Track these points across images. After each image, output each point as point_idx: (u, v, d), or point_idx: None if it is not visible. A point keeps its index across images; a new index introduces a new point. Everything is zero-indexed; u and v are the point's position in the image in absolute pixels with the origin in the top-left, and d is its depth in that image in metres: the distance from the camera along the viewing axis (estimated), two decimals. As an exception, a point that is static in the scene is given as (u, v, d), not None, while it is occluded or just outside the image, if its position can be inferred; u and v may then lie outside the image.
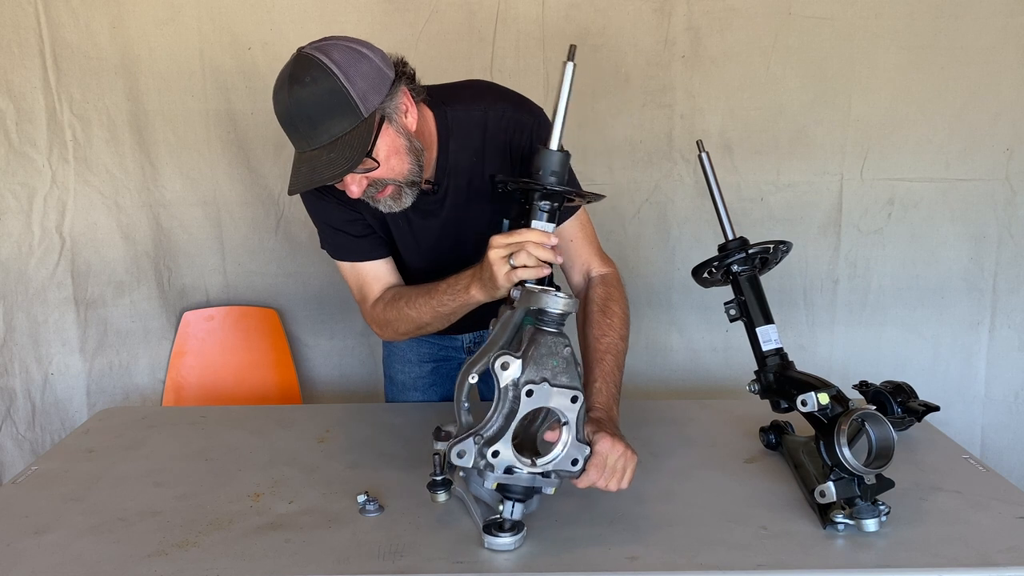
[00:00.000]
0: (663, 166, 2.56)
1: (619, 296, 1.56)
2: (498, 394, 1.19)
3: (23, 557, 1.25)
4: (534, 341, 1.19)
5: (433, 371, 1.97)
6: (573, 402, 1.21)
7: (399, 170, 1.42)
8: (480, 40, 2.46)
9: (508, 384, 1.18)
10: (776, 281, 2.36)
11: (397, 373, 1.99)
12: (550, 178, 1.31)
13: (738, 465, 1.55)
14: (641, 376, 2.67)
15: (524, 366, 1.17)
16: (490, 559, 1.22)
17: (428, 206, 1.58)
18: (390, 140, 1.39)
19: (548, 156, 1.32)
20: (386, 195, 1.44)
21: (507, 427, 1.18)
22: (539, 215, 1.31)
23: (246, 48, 2.46)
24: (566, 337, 1.21)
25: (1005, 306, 2.58)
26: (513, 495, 1.23)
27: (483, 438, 1.18)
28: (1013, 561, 1.20)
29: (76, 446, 1.70)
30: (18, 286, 2.43)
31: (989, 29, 2.40)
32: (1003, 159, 2.49)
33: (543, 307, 1.20)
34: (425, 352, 1.96)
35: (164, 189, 2.52)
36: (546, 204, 1.31)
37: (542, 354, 1.18)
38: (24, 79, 2.35)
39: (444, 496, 1.34)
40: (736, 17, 2.43)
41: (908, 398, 1.65)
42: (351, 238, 1.62)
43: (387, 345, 2.02)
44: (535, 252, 1.28)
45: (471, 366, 1.26)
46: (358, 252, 1.63)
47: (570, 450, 1.22)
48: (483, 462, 1.18)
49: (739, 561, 1.21)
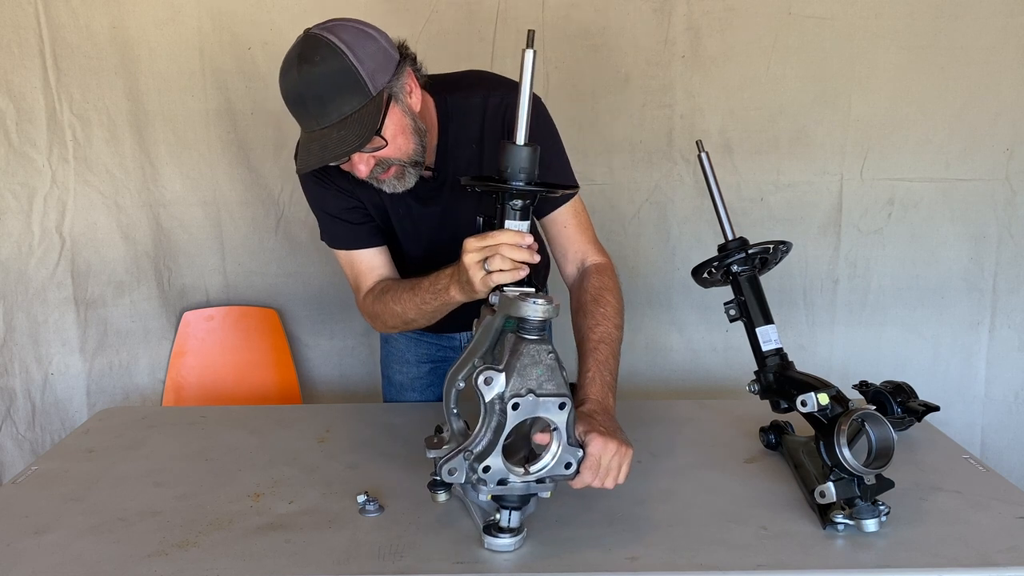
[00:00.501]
0: (663, 166, 2.56)
1: (613, 286, 1.54)
2: (484, 409, 1.17)
3: (23, 557, 1.25)
4: (516, 351, 1.16)
5: (431, 371, 1.97)
6: (561, 409, 1.17)
7: (405, 149, 1.43)
8: (480, 40, 2.46)
9: (493, 399, 1.16)
10: (776, 281, 2.36)
11: (395, 373, 1.99)
12: (519, 175, 1.23)
13: (738, 465, 1.55)
14: (641, 376, 2.67)
15: (508, 379, 1.15)
16: (490, 559, 1.22)
17: (428, 192, 1.59)
18: (397, 119, 1.40)
19: (515, 152, 1.23)
20: (390, 175, 1.45)
21: (496, 441, 1.16)
22: (511, 214, 1.25)
23: (246, 48, 2.46)
24: (548, 343, 1.18)
25: (1005, 306, 2.58)
26: (509, 504, 1.23)
27: (472, 454, 1.17)
28: (1013, 561, 1.20)
29: (76, 446, 1.70)
30: (18, 286, 2.43)
31: (989, 29, 2.40)
32: (1003, 159, 2.49)
33: (522, 315, 1.17)
34: (423, 352, 1.96)
35: (164, 189, 2.52)
36: (517, 203, 1.25)
37: (525, 364, 1.15)
38: (24, 79, 2.35)
39: (445, 496, 1.33)
40: (736, 17, 2.43)
41: (908, 398, 1.65)
42: (349, 226, 1.62)
43: (385, 346, 2.02)
44: (509, 254, 1.24)
45: (456, 372, 1.26)
46: (355, 240, 1.63)
47: (561, 455, 1.20)
48: (475, 477, 1.17)
49: (739, 561, 1.21)
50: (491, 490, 1.19)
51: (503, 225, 1.25)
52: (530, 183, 1.23)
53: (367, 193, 1.56)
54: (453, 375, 1.26)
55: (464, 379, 1.26)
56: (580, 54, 2.48)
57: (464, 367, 1.26)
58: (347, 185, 1.57)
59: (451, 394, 1.26)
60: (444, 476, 1.17)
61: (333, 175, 1.54)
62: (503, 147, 1.23)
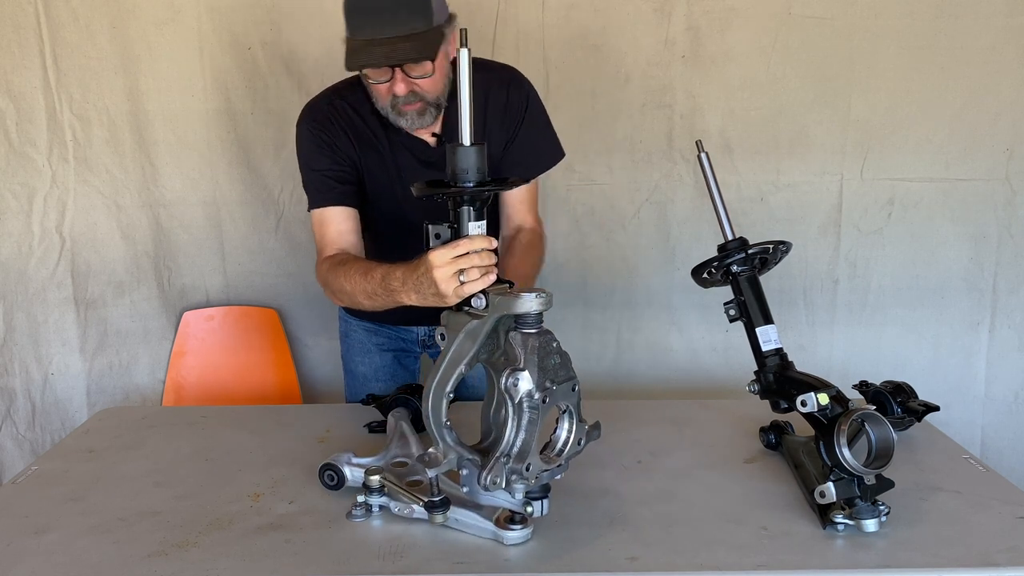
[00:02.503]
0: (663, 166, 2.56)
1: (541, 248, 1.82)
2: (512, 409, 1.19)
3: (23, 557, 1.25)
4: (527, 346, 1.19)
5: (394, 360, 2.01)
6: (573, 390, 1.24)
7: (438, 87, 1.59)
8: (480, 40, 2.46)
9: (523, 397, 1.18)
10: (776, 281, 2.36)
11: (357, 365, 2.02)
12: (475, 176, 1.22)
13: (738, 465, 1.55)
14: (641, 376, 2.67)
15: (532, 375, 1.18)
16: (490, 559, 1.22)
17: (430, 157, 1.70)
18: (442, 58, 1.55)
19: (465, 153, 1.21)
20: (414, 109, 1.59)
21: (531, 439, 1.19)
22: (472, 216, 1.24)
23: (246, 48, 2.46)
24: (550, 331, 1.21)
25: (1005, 306, 2.58)
26: (537, 495, 1.26)
27: (511, 457, 1.19)
28: (1013, 561, 1.20)
29: (76, 446, 1.70)
30: (18, 286, 2.43)
31: (989, 29, 2.40)
32: (1003, 159, 2.49)
33: (523, 311, 1.19)
34: (383, 342, 2.00)
35: (164, 189, 2.52)
36: (478, 203, 1.24)
37: (542, 357, 1.19)
38: (24, 79, 2.35)
39: (442, 518, 1.30)
40: (736, 17, 2.43)
41: (908, 398, 1.65)
42: (330, 182, 1.69)
43: (345, 341, 2.05)
44: (482, 262, 1.23)
45: (441, 386, 1.25)
46: (332, 197, 1.70)
47: (576, 433, 1.26)
48: (519, 480, 1.20)
49: (739, 561, 1.21)
50: (530, 486, 1.23)
51: (462, 227, 1.24)
52: (483, 182, 1.23)
53: (364, 152, 1.69)
54: (439, 386, 1.25)
55: (452, 391, 1.25)
56: (580, 54, 2.48)
57: (450, 376, 1.25)
58: (348, 147, 1.68)
59: (441, 407, 1.25)
60: (488, 486, 1.19)
61: (337, 131, 1.68)
62: (452, 151, 1.22)
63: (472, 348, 1.24)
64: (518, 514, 1.26)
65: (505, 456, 1.19)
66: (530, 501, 1.26)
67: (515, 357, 1.20)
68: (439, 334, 1.29)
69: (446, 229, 1.25)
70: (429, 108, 1.60)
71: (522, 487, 1.22)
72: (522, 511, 1.26)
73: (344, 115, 1.69)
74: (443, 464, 1.25)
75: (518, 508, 1.26)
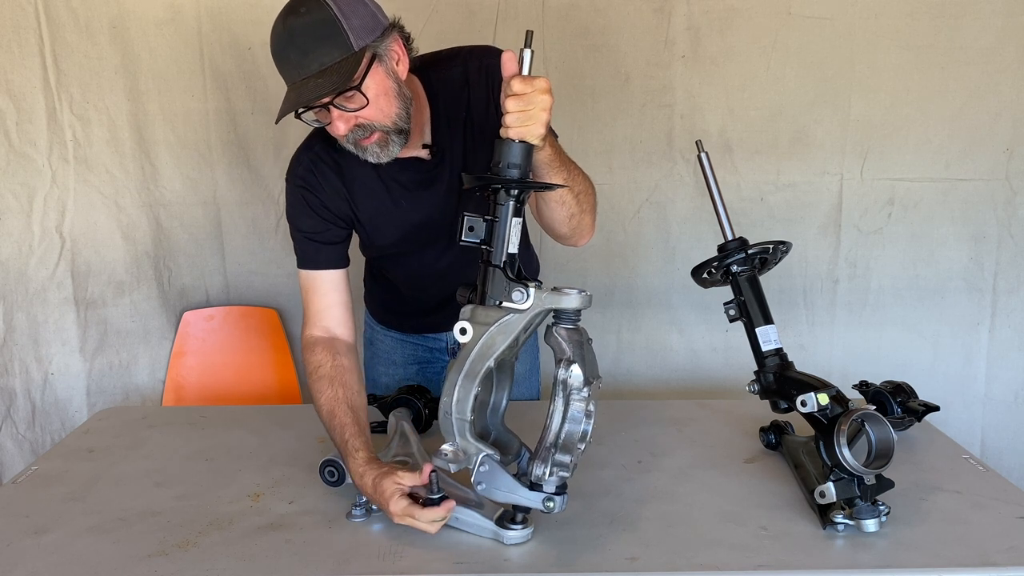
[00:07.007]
0: (663, 166, 2.56)
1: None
2: (562, 401, 1.21)
3: (23, 557, 1.25)
4: (572, 340, 1.21)
5: (419, 372, 1.96)
6: (599, 387, 1.25)
7: (388, 112, 1.41)
8: (480, 40, 2.44)
9: (573, 388, 1.20)
10: (776, 281, 2.36)
11: (381, 376, 1.98)
12: (519, 173, 1.23)
13: (738, 465, 1.55)
14: (641, 376, 2.67)
15: (581, 368, 1.20)
16: (490, 560, 1.22)
17: (427, 175, 1.58)
18: (380, 80, 1.38)
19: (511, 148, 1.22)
20: (373, 142, 1.43)
21: (576, 430, 1.21)
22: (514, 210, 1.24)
23: (246, 48, 2.46)
24: (584, 329, 1.24)
25: (1005, 306, 2.58)
26: (558, 490, 1.25)
27: (556, 448, 1.21)
28: (1013, 561, 1.20)
29: (76, 446, 1.71)
30: (18, 286, 2.43)
31: (989, 29, 2.40)
32: (1003, 159, 2.49)
33: (570, 307, 1.21)
34: (409, 353, 1.95)
35: (164, 189, 2.52)
36: (522, 197, 1.25)
37: (586, 350, 1.22)
38: (24, 79, 2.35)
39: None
40: (736, 17, 2.43)
41: (908, 398, 1.65)
42: (316, 244, 1.59)
43: (369, 347, 2.01)
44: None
45: (468, 380, 1.24)
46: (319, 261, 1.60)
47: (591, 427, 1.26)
48: (562, 470, 1.21)
49: (739, 561, 1.21)
50: (569, 477, 1.23)
51: (503, 220, 1.24)
52: (523, 177, 1.24)
53: (352, 200, 1.57)
54: (466, 380, 1.24)
55: (481, 384, 1.24)
56: (580, 54, 2.48)
57: (478, 370, 1.24)
58: (333, 200, 1.56)
59: (468, 401, 1.24)
60: (539, 479, 1.21)
61: (320, 181, 1.55)
62: (500, 143, 1.23)
63: (504, 342, 1.23)
64: (518, 513, 1.26)
65: (551, 448, 1.20)
66: (552, 496, 1.23)
67: (563, 350, 1.21)
68: (459, 329, 1.26)
69: (480, 221, 1.24)
70: (390, 136, 1.43)
71: (555, 481, 1.22)
72: (541, 507, 1.23)
73: (326, 158, 1.57)
74: (464, 460, 1.25)
75: (536, 504, 1.23)
